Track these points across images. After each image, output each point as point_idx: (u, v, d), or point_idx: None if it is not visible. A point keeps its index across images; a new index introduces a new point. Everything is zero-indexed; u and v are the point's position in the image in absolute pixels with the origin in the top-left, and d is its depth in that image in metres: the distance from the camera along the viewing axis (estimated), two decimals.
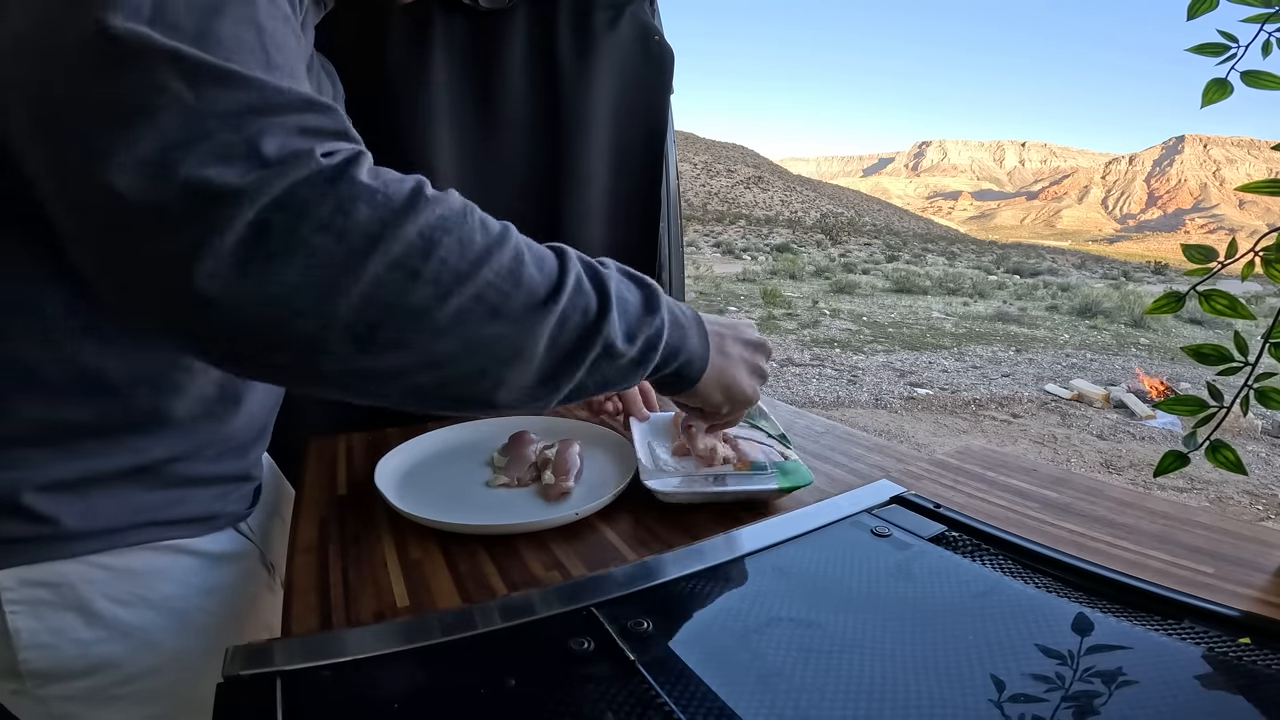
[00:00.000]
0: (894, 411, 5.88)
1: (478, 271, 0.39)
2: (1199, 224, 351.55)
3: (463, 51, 1.11)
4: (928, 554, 0.62)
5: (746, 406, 0.66)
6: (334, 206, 0.34)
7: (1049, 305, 14.08)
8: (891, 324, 10.57)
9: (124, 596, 0.59)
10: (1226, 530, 0.68)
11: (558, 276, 0.43)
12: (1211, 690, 0.45)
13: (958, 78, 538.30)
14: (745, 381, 0.64)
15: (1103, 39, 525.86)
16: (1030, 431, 5.41)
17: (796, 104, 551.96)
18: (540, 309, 0.41)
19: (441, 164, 1.14)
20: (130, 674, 0.61)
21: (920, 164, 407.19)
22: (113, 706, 0.61)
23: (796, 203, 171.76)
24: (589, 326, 0.44)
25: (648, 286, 0.52)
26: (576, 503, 0.75)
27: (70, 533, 0.56)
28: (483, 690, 0.45)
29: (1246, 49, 0.61)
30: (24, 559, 0.55)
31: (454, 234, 0.39)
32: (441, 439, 0.94)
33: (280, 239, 0.33)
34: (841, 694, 0.44)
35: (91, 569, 0.58)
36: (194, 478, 0.64)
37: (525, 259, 0.42)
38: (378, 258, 0.35)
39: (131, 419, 0.58)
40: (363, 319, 0.36)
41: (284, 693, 0.44)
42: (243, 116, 0.33)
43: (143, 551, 0.61)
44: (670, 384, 0.59)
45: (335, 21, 0.78)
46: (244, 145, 0.33)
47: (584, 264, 0.46)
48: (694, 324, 0.59)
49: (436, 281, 0.37)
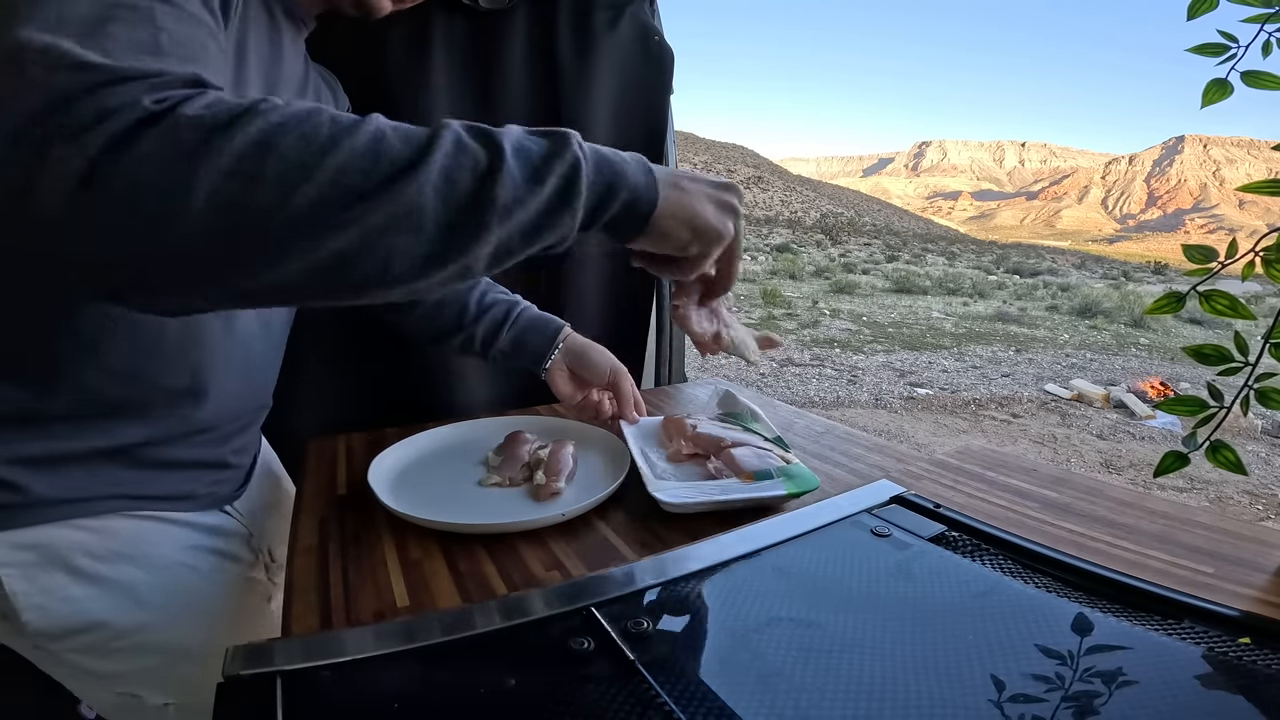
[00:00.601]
0: (894, 411, 5.88)
1: (325, 158, 0.39)
2: (1199, 224, 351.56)
3: (463, 52, 1.11)
4: (928, 554, 0.62)
5: (719, 243, 0.59)
6: (155, 139, 0.37)
7: (1049, 305, 14.09)
8: (891, 324, 10.57)
9: (104, 554, 0.64)
10: (1226, 530, 0.68)
11: (428, 141, 0.43)
12: (1211, 690, 0.45)
13: (957, 78, 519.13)
14: (710, 212, 0.58)
15: (1102, 39, 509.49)
16: (1030, 431, 5.40)
17: (796, 104, 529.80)
18: (409, 172, 0.41)
19: None
20: (122, 628, 0.65)
21: (920, 164, 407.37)
22: (113, 658, 0.66)
23: (796, 203, 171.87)
24: (481, 176, 0.44)
25: (556, 134, 0.50)
26: (565, 503, 0.75)
27: (42, 499, 0.60)
28: (483, 690, 0.45)
29: (1246, 49, 0.62)
30: (2, 524, 0.59)
31: (294, 132, 0.39)
32: (439, 438, 0.94)
33: (105, 181, 0.36)
34: (841, 694, 0.44)
35: (72, 531, 0.62)
36: (167, 461, 0.68)
37: (386, 136, 0.42)
38: (206, 172, 0.37)
39: (100, 409, 0.62)
40: (217, 233, 0.38)
41: (284, 692, 0.44)
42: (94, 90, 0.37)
43: (123, 517, 0.65)
44: (623, 225, 0.55)
45: (333, 24, 0.78)
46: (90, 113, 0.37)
47: (470, 127, 0.46)
48: (634, 161, 0.56)
49: (282, 179, 0.38)
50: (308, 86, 0.78)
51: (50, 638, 0.63)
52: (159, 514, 0.69)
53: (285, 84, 0.71)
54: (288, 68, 0.71)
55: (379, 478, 0.79)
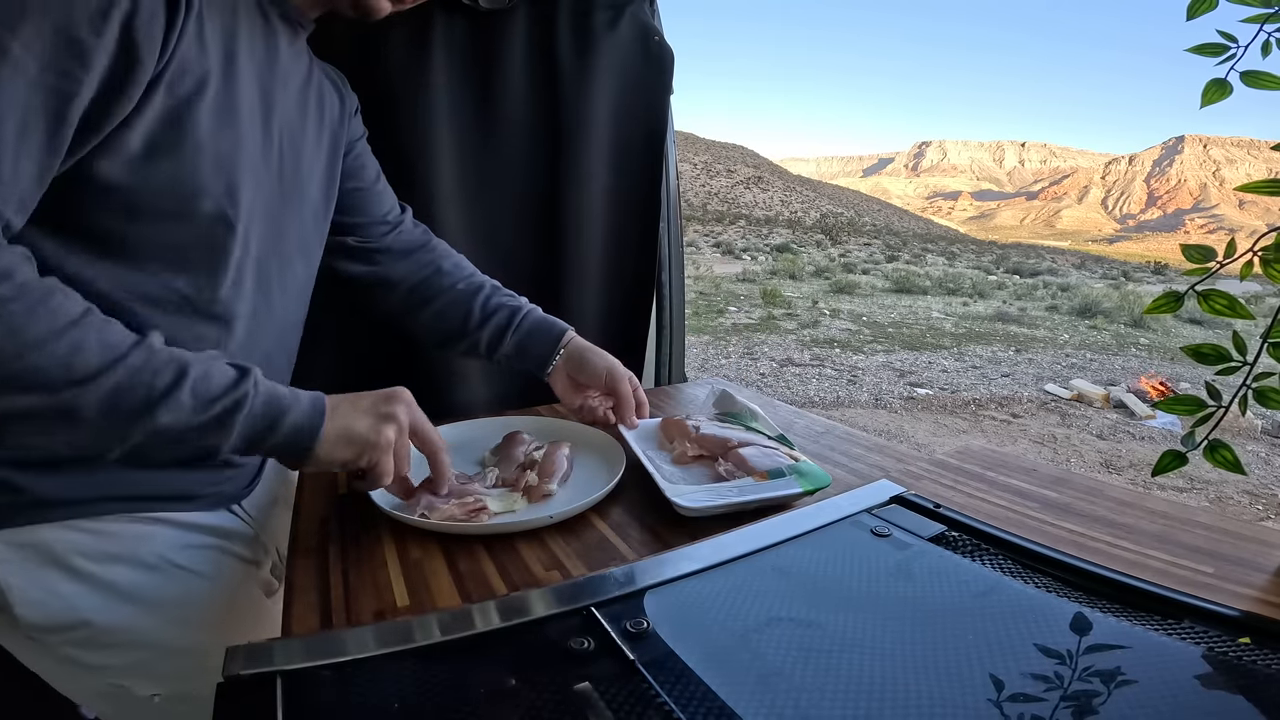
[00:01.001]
0: (894, 411, 5.88)
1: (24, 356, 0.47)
2: (1199, 224, 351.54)
3: (463, 52, 1.11)
4: (927, 554, 0.62)
5: (371, 450, 0.66)
6: None
7: (1049, 305, 14.08)
8: (891, 324, 10.57)
9: (98, 555, 0.66)
10: (1226, 530, 0.68)
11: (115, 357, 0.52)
12: (1211, 690, 0.45)
13: (957, 78, 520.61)
14: (361, 423, 0.65)
15: (1102, 39, 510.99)
16: (1030, 431, 5.40)
17: (796, 104, 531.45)
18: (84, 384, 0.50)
19: (442, 165, 1.14)
20: (111, 625, 0.67)
21: (920, 164, 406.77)
22: (103, 652, 0.68)
23: (796, 203, 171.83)
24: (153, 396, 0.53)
25: (243, 368, 0.60)
26: (557, 505, 0.75)
27: (41, 500, 0.62)
28: (483, 689, 0.45)
29: (1246, 49, 0.61)
30: (2, 523, 0.62)
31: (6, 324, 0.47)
32: None
33: None
34: (841, 693, 0.44)
35: (69, 532, 0.64)
36: (161, 461, 0.69)
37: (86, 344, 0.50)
38: None
39: None
40: None
41: (284, 692, 0.44)
42: None
43: (123, 518, 0.67)
44: (287, 453, 0.63)
45: (333, 24, 0.78)
46: None
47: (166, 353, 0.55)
48: (307, 401, 0.64)
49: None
50: (310, 86, 0.78)
51: (43, 631, 0.65)
52: (159, 514, 0.70)
53: (282, 84, 0.71)
54: (284, 68, 0.71)
55: None
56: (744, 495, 0.74)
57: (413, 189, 1.10)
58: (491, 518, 0.71)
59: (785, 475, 0.76)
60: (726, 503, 0.73)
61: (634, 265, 1.33)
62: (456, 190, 1.16)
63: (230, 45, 0.62)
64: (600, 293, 1.31)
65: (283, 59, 0.71)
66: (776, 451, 0.81)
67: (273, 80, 0.69)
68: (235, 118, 0.63)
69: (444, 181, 1.14)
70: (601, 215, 1.28)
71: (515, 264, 1.23)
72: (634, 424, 0.93)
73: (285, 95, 0.72)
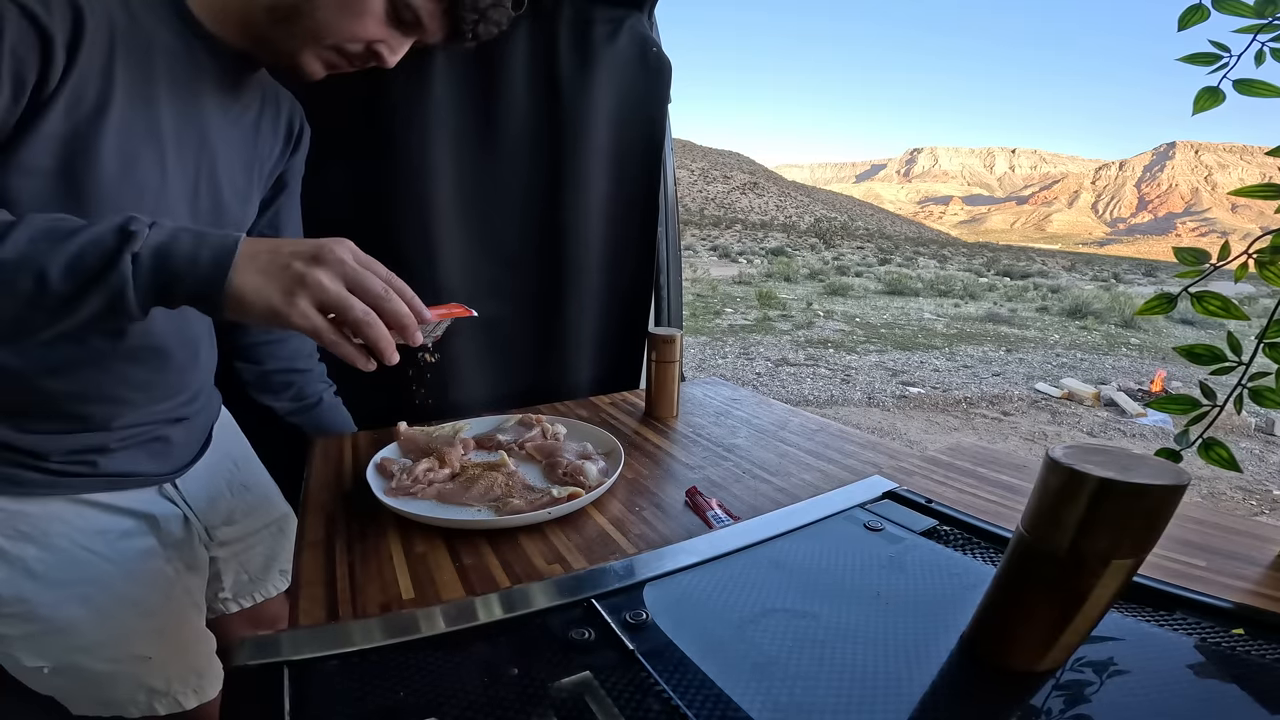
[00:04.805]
0: (886, 410, 5.91)
1: None
2: (1190, 227, 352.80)
3: (464, 63, 1.12)
4: (919, 547, 0.63)
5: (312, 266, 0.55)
6: None
7: (1039, 306, 14.15)
8: (884, 325, 10.60)
9: (11, 533, 0.71)
10: (1219, 525, 0.69)
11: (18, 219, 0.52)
12: (1205, 679, 0.46)
13: (948, 86, 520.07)
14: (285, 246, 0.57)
15: (1092, 48, 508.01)
16: (1021, 429, 5.44)
17: (791, 112, 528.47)
18: None
19: (444, 174, 1.14)
20: (8, 598, 0.71)
21: (912, 170, 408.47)
22: (5, 622, 0.73)
23: (791, 208, 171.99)
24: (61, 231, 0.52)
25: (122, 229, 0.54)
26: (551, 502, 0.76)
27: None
28: (486, 679, 0.45)
29: (1239, 58, 0.62)
30: None
31: None
32: None
33: None
34: (834, 682, 0.45)
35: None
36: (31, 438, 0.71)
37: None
38: None
39: None
40: None
41: (291, 682, 0.45)
42: None
43: (45, 497, 0.72)
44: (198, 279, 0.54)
45: None
46: None
47: None
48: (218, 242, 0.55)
49: None
50: (244, 123, 0.81)
51: None
52: (91, 496, 0.75)
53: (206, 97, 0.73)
54: (211, 84, 0.73)
55: (374, 472, 0.81)
56: None
57: (415, 198, 1.11)
58: None
59: None
60: None
61: (633, 268, 1.35)
62: (458, 197, 1.17)
63: (145, 76, 0.65)
64: (600, 295, 1.32)
65: (212, 94, 0.74)
66: None
67: (190, 94, 0.71)
68: (143, 146, 0.66)
69: (446, 189, 1.15)
70: (601, 220, 1.29)
71: (517, 267, 1.24)
72: None
73: (211, 129, 0.75)
